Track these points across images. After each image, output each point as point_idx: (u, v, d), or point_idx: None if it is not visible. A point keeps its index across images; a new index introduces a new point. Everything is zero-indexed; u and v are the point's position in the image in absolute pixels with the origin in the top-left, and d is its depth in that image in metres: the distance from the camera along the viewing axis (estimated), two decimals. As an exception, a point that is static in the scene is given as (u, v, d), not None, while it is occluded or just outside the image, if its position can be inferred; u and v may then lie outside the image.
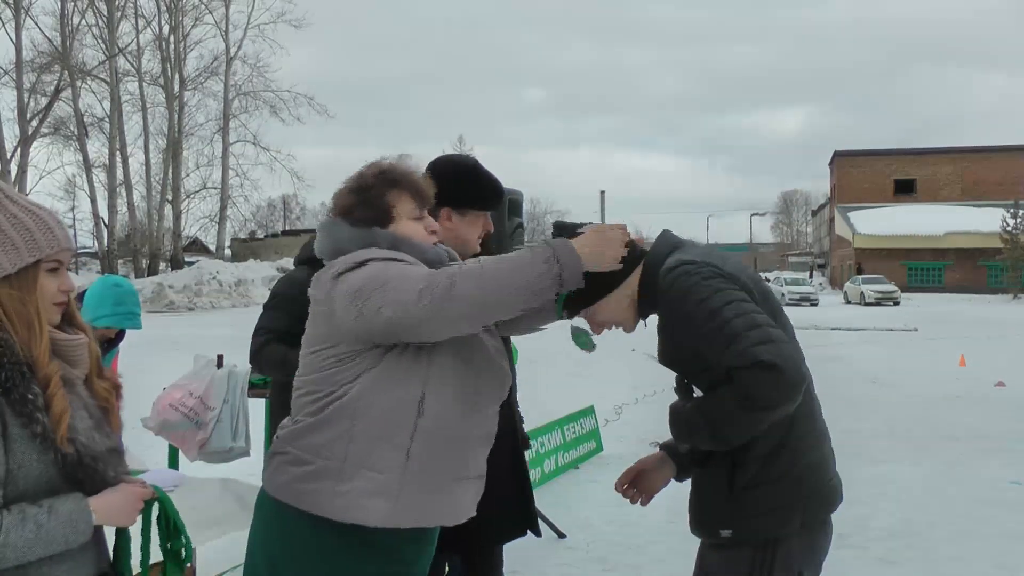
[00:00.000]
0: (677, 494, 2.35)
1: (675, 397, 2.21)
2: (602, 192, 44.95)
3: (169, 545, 2.07)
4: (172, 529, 1.98)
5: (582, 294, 2.04)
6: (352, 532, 1.97)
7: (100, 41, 41.77)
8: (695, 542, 2.27)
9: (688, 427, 2.07)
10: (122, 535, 1.86)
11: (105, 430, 1.79)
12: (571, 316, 2.19)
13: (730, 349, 1.88)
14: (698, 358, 2.02)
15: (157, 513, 1.97)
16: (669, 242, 2.17)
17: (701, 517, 2.18)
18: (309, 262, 3.67)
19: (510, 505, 2.80)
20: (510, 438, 2.78)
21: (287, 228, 69.44)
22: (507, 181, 2.76)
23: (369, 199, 2.13)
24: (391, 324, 1.89)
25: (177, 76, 44.29)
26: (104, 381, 1.84)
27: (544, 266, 1.87)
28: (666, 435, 2.23)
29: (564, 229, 2.16)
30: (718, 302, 1.94)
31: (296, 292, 3.54)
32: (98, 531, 1.76)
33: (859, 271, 52.33)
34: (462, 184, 2.67)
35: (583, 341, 2.30)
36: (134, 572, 1.91)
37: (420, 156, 2.24)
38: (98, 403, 1.80)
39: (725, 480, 2.07)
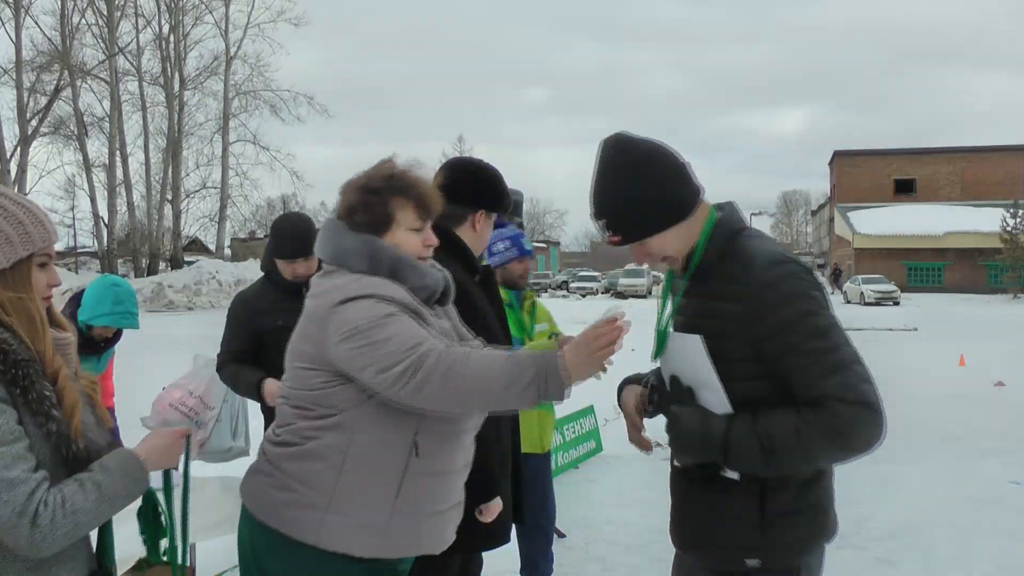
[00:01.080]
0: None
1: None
2: (602, 192, 44.86)
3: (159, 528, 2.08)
4: (160, 514, 2.01)
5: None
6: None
7: (100, 40, 41.72)
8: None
9: (722, 446, 1.88)
10: (105, 530, 1.83)
11: (102, 425, 1.78)
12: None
13: (835, 377, 1.80)
14: (754, 362, 1.88)
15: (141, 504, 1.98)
16: (740, 216, 2.06)
17: (720, 543, 1.99)
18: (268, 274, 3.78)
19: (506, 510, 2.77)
20: (507, 436, 2.75)
21: (287, 228, 69.27)
22: (507, 181, 2.77)
23: (372, 203, 2.08)
24: (371, 384, 1.89)
25: (177, 76, 44.20)
26: (83, 378, 1.82)
27: (524, 387, 1.82)
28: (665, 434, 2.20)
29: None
30: (826, 322, 1.85)
31: (241, 311, 3.72)
32: None
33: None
34: (495, 189, 2.71)
35: None
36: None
37: (420, 156, 2.21)
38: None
39: (756, 506, 1.93)
